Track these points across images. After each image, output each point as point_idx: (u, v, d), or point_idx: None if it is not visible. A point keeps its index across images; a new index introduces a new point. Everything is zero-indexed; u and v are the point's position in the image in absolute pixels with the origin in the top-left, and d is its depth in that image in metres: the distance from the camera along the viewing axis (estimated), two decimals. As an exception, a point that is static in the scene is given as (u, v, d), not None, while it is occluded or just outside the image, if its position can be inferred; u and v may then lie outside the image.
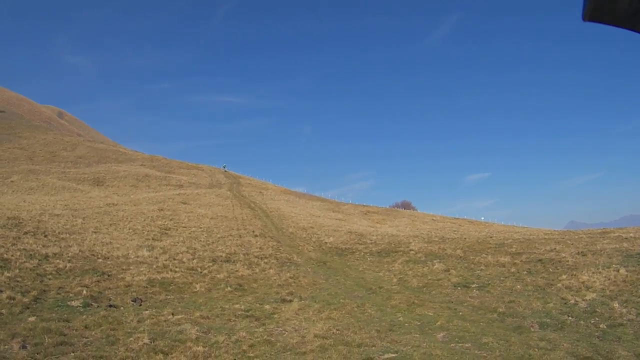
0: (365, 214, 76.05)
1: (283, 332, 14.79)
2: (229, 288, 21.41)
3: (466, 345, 13.22)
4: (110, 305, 16.73)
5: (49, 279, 19.21)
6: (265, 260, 28.29)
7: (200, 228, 38.44)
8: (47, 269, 20.65)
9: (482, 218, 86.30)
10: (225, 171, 74.69)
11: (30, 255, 22.34)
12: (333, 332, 14.58)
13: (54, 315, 14.66)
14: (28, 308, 15.06)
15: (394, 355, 12.21)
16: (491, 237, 37.76)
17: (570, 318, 15.92)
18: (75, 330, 13.26)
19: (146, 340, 12.56)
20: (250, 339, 13.63)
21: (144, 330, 13.69)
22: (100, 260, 24.09)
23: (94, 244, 27.47)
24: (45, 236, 27.70)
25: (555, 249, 28.00)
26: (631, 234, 31.41)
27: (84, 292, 17.84)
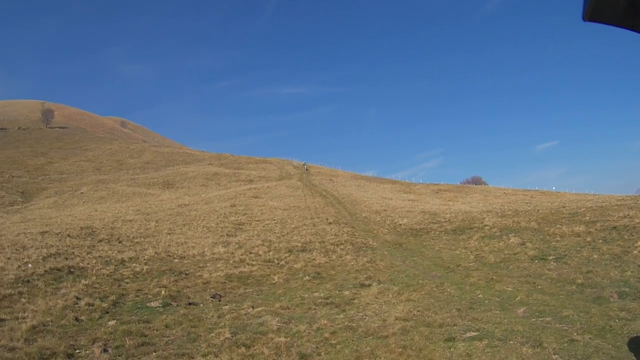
0: (437, 192, 75.72)
1: (364, 317, 14.70)
2: (307, 277, 21.47)
3: (547, 319, 12.94)
4: (190, 303, 16.89)
5: (127, 283, 19.53)
6: (341, 247, 28.29)
7: (274, 220, 38.68)
8: (124, 273, 21.01)
9: (554, 188, 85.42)
10: (307, 170, 74.66)
11: (106, 261, 22.77)
12: (414, 314, 14.43)
13: (133, 317, 14.87)
14: (107, 313, 15.32)
15: (475, 333, 12.02)
16: (564, 207, 37.14)
17: None
18: (156, 330, 13.42)
19: (227, 335, 12.62)
20: (331, 326, 13.57)
21: (224, 325, 13.77)
22: (176, 260, 24.43)
23: (169, 245, 27.89)
24: (120, 242, 28.23)
25: (629, 215, 27.49)
26: None
27: (163, 292, 18.08)
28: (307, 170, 77.04)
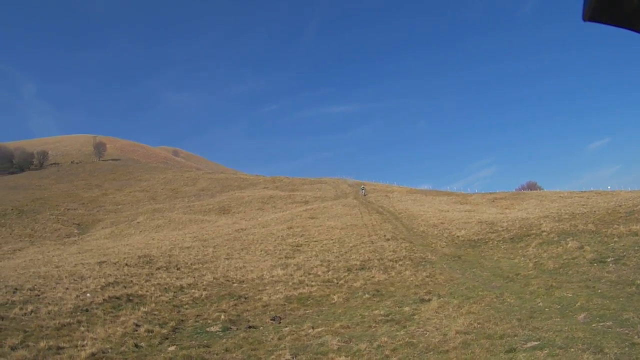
0: (493, 201, 75.08)
1: (424, 332, 14.63)
2: (366, 295, 21.41)
3: (607, 323, 12.75)
4: (250, 327, 16.99)
5: (186, 309, 19.76)
6: (400, 263, 28.18)
7: (332, 240, 38.70)
8: (183, 299, 21.27)
9: (609, 187, 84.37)
10: (365, 194, 74.87)
11: (165, 288, 23.07)
12: (474, 327, 14.35)
13: (193, 342, 15.02)
14: (167, 339, 15.51)
15: (536, 342, 11.90)
16: (620, 206, 36.61)
17: None
18: (216, 354, 13.53)
19: (288, 356, 12.67)
20: (392, 343, 13.54)
21: (284, 346, 13.83)
22: (235, 284, 24.63)
23: (228, 270, 28.13)
24: (178, 269, 28.56)
25: None
26: None
27: (222, 316, 18.23)
28: (365, 194, 77.02)
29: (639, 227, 25.46)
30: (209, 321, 17.79)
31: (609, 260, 21.21)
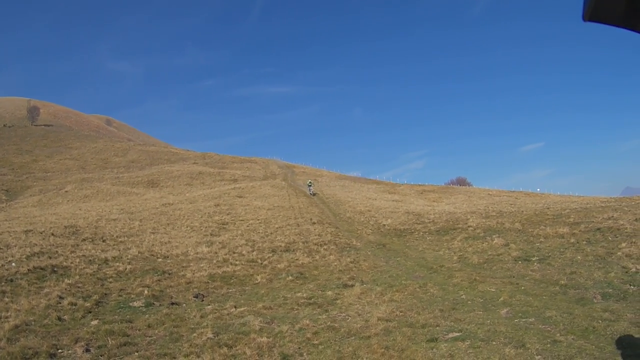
0: (421, 193, 76.06)
1: (346, 317, 14.72)
2: (290, 277, 21.48)
3: (530, 320, 13.01)
4: (173, 303, 16.86)
5: (110, 282, 19.50)
6: (325, 247, 28.33)
7: (258, 220, 38.71)
8: (108, 272, 20.97)
9: (538, 189, 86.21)
10: (312, 193, 64.05)
11: (90, 260, 22.71)
12: (396, 315, 14.48)
13: (116, 317, 14.84)
14: (90, 312, 15.27)
15: (458, 334, 12.07)
16: (548, 208, 37.41)
17: (632, 287, 15.49)
18: (139, 330, 13.39)
19: (210, 335, 12.61)
20: (313, 326, 13.58)
21: (207, 325, 13.75)
22: (160, 259, 24.41)
23: (153, 245, 27.86)
24: (104, 241, 28.18)
25: (613, 216, 27.59)
26: None
27: (146, 292, 18.04)
28: (312, 192, 63.91)
29: (565, 230, 25.95)
30: (133, 296, 17.57)
31: (533, 259, 21.60)
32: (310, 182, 68.03)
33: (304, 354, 11.41)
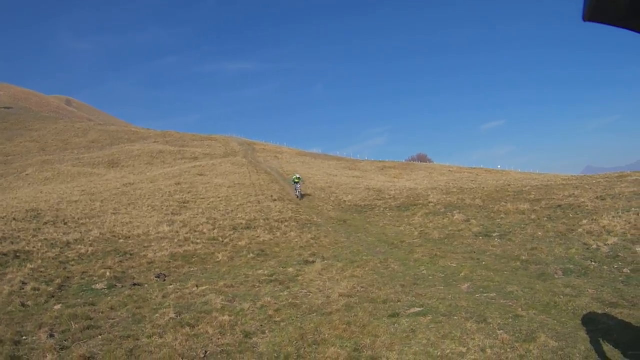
0: (382, 169, 76.32)
1: (307, 293, 14.78)
2: (251, 254, 21.49)
3: (491, 294, 13.17)
4: (135, 284, 16.79)
5: (72, 265, 19.31)
6: (286, 224, 28.39)
7: (219, 197, 38.58)
8: (69, 255, 20.78)
9: (499, 166, 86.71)
10: (299, 196, 52.03)
11: (52, 244, 22.47)
12: (357, 290, 14.59)
13: (79, 300, 14.72)
14: (53, 296, 15.12)
15: (419, 309, 12.16)
16: (509, 185, 37.84)
17: (593, 263, 15.74)
18: (101, 312, 13.30)
19: (172, 315, 12.58)
20: (275, 303, 13.63)
21: (169, 304, 13.72)
22: (121, 240, 24.25)
23: (114, 225, 27.66)
24: (65, 223, 27.88)
25: (573, 194, 28.03)
26: None
27: (108, 273, 17.93)
28: (299, 195, 48.50)
29: (526, 206, 26.29)
30: (95, 278, 17.43)
31: (494, 234, 21.83)
32: (296, 178, 44.66)
33: (266, 331, 11.45)
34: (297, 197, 42.72)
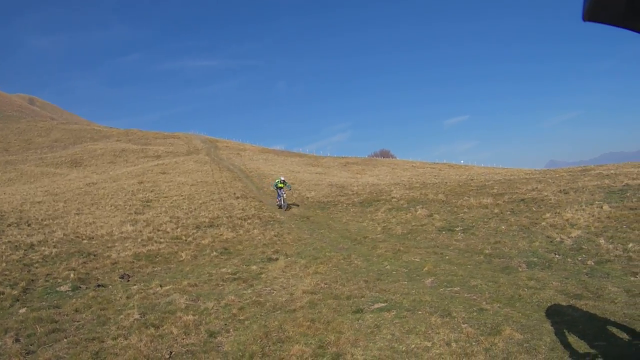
0: (345, 165, 76.47)
1: (271, 291, 14.78)
2: (214, 253, 21.44)
3: (455, 289, 13.22)
4: (99, 285, 16.67)
5: (36, 268, 19.07)
6: (249, 221, 28.34)
7: (182, 196, 38.44)
8: (34, 257, 20.52)
9: (462, 161, 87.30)
10: (283, 206, 48.10)
11: (16, 246, 22.21)
12: (321, 287, 14.61)
13: (44, 303, 14.56)
14: (18, 300, 14.94)
15: (383, 304, 12.20)
16: (472, 180, 38.10)
17: (557, 256, 15.88)
18: (67, 315, 13.18)
19: (136, 316, 12.52)
20: (239, 301, 13.60)
21: (133, 305, 13.63)
22: (85, 241, 24.03)
23: (78, 226, 27.41)
24: (29, 225, 27.58)
25: (537, 188, 28.21)
26: (612, 171, 31.66)
27: (72, 275, 17.76)
28: (282, 204, 43.98)
29: (489, 200, 26.47)
30: (59, 280, 17.24)
31: (457, 229, 21.93)
32: (281, 183, 36.60)
33: (231, 330, 11.46)
34: (281, 207, 34.95)
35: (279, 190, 35.96)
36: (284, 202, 35.26)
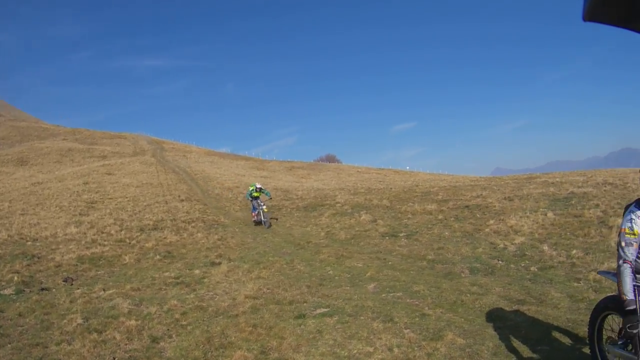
0: (290, 169, 76.58)
1: (214, 296, 14.87)
2: (158, 256, 21.37)
3: (397, 294, 13.43)
4: (43, 289, 16.52)
5: (-20, 270, 18.91)
6: (193, 225, 28.30)
7: (127, 198, 38.15)
8: (-23, 259, 20.32)
9: (408, 167, 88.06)
10: (264, 212, 42.51)
11: (-42, 247, 21.94)
12: (264, 292, 14.74)
13: (-13, 307, 14.54)
14: (-39, 304, 14.88)
15: (326, 309, 12.38)
16: (417, 186, 38.30)
17: (500, 262, 16.15)
18: (10, 319, 13.08)
19: (80, 321, 12.50)
20: (182, 306, 13.68)
21: (76, 310, 13.58)
22: (29, 242, 23.74)
23: (22, 227, 27.04)
24: (-28, 226, 27.19)
25: (481, 195, 28.56)
26: (557, 179, 32.11)
27: (16, 278, 17.53)
28: (264, 212, 38.53)
29: (434, 207, 26.71)
30: (3, 283, 17.00)
31: (401, 235, 22.14)
32: (256, 192, 31.12)
33: (173, 335, 11.56)
34: (262, 223, 28.83)
35: (253, 202, 30.35)
36: (264, 216, 28.97)
